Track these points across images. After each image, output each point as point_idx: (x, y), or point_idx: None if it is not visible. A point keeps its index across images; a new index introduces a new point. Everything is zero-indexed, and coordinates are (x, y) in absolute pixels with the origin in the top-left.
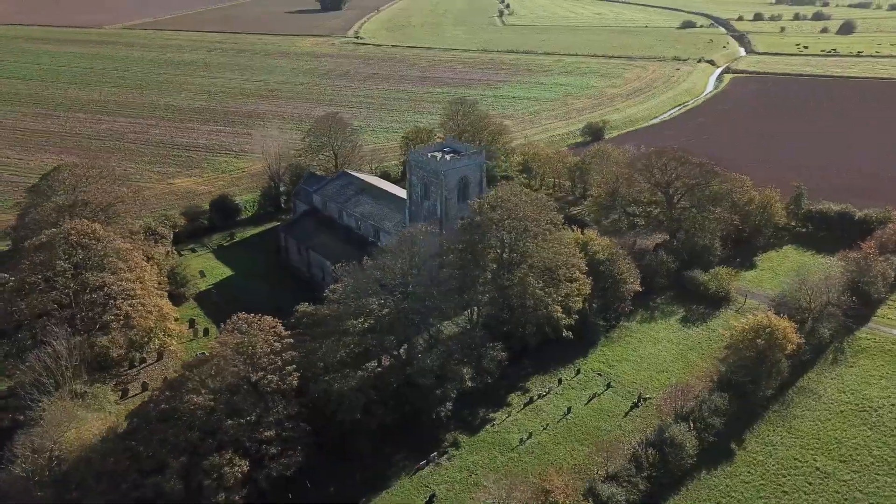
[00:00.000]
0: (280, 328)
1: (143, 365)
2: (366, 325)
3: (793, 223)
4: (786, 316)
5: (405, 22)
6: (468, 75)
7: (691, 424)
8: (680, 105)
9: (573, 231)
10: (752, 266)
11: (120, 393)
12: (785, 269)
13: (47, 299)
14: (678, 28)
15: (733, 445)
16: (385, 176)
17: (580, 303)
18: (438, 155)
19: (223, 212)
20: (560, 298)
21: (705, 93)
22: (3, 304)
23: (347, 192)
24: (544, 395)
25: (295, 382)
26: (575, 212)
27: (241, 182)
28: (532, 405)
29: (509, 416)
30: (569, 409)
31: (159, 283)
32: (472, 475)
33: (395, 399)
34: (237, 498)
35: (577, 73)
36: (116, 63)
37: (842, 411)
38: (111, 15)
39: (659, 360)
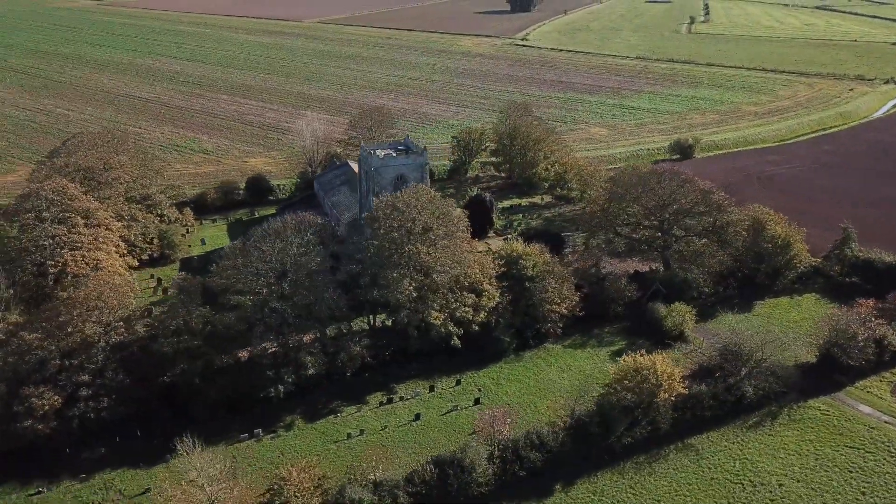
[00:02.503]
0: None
1: None
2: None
3: (835, 270)
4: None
5: (583, 26)
6: (604, 82)
7: (500, 452)
8: (822, 129)
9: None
10: (747, 310)
11: None
12: (783, 319)
13: (13, 245)
14: (893, 44)
15: (557, 486)
16: None
17: (483, 315)
18: (382, 152)
19: (256, 190)
20: (451, 306)
21: (866, 118)
22: None
23: (336, 182)
24: (406, 399)
25: (133, 337)
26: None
27: (302, 166)
28: (388, 406)
29: (359, 411)
30: (417, 416)
31: (123, 243)
32: (281, 455)
33: (234, 373)
34: (42, 426)
35: (726, 86)
36: (285, 53)
37: (712, 478)
38: (314, 10)
39: (553, 388)
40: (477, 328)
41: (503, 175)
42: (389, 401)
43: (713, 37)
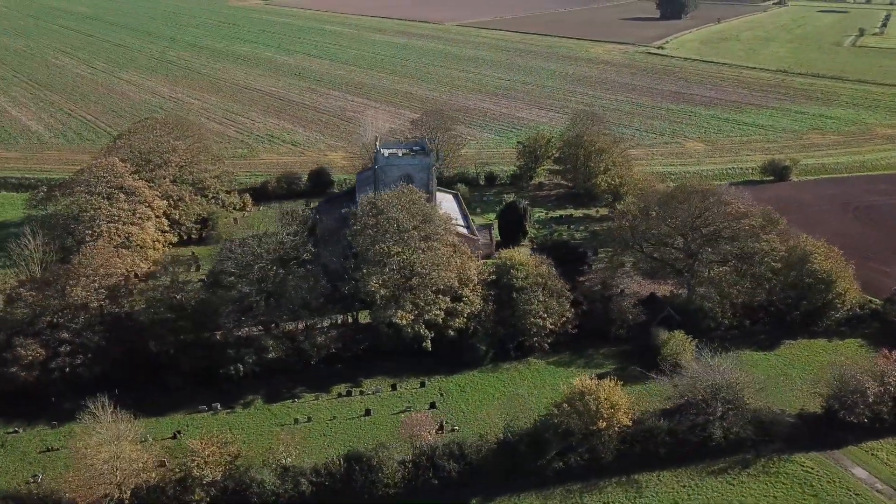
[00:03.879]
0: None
1: None
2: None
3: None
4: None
5: (732, 36)
6: (727, 95)
7: (413, 457)
8: None
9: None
10: (770, 348)
11: None
12: (809, 363)
13: (61, 215)
14: None
15: (474, 500)
16: (462, 178)
17: (461, 321)
18: (388, 151)
19: (318, 182)
20: (421, 307)
21: None
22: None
23: (370, 179)
24: (367, 394)
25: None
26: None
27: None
28: (346, 398)
29: (317, 399)
30: (368, 412)
31: (166, 220)
32: (229, 430)
33: (205, 349)
34: (26, 374)
35: (866, 106)
36: (411, 53)
37: None
38: (457, 13)
39: (515, 402)
40: (453, 333)
41: (568, 184)
42: (349, 393)
43: (880, 51)
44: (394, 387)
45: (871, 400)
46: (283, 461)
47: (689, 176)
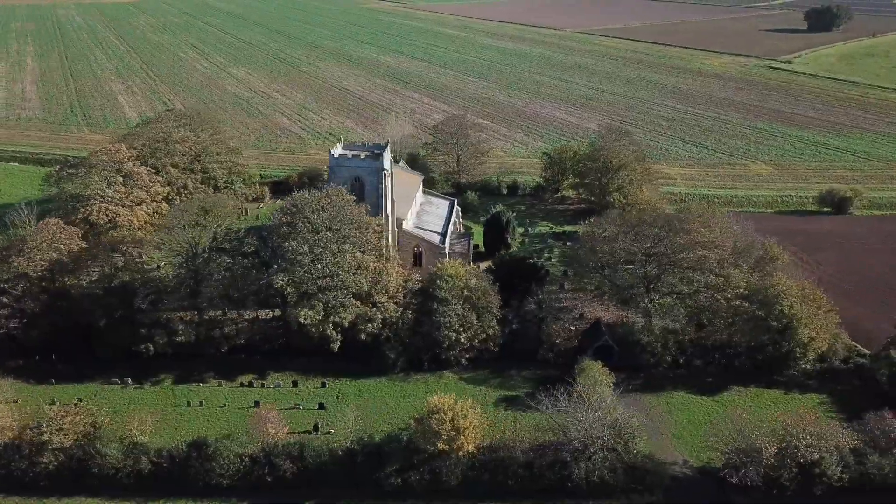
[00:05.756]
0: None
1: None
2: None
3: (882, 374)
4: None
5: (879, 52)
6: (833, 116)
7: (251, 452)
8: None
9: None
10: (711, 393)
11: None
12: (749, 416)
13: (66, 193)
14: None
15: (308, 503)
16: (483, 186)
17: (374, 326)
18: (337, 152)
19: None
20: (329, 309)
21: None
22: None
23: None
24: (268, 387)
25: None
26: None
27: None
28: (246, 388)
29: (220, 385)
30: (256, 403)
31: (166, 205)
32: (129, 406)
33: (129, 326)
34: None
35: None
36: (513, 59)
37: None
38: (587, 20)
39: (384, 412)
40: (366, 338)
41: (592, 199)
42: (251, 384)
43: None
44: (295, 383)
45: (772, 462)
46: (136, 438)
47: (729, 200)
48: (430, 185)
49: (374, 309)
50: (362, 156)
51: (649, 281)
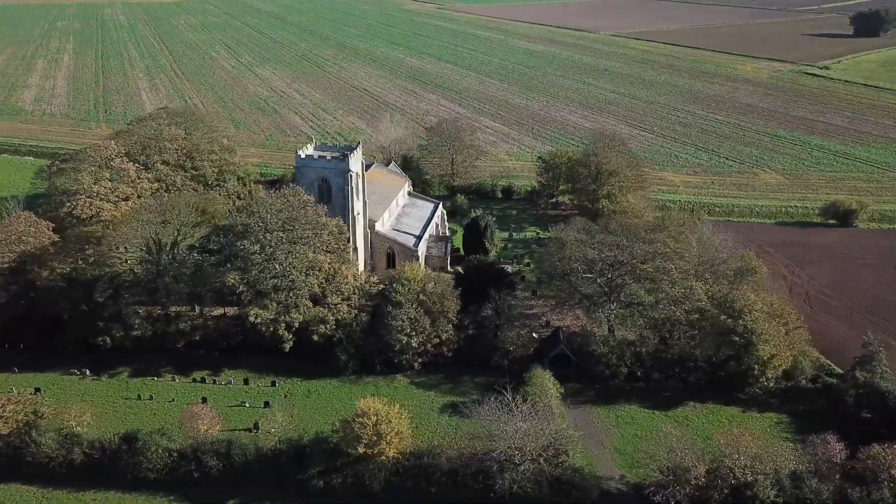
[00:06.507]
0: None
1: None
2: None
3: (849, 395)
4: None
5: None
6: (861, 126)
7: (178, 447)
8: None
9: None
10: (665, 408)
11: None
12: (697, 432)
13: (55, 188)
14: None
15: (232, 501)
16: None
17: (327, 328)
18: (304, 153)
19: None
20: (280, 309)
21: None
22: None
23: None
24: (219, 384)
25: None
26: None
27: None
28: (199, 384)
29: (174, 380)
30: (204, 399)
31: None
32: (82, 397)
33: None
34: None
35: None
36: (540, 61)
37: None
38: (624, 22)
39: (328, 413)
40: (318, 339)
41: (585, 204)
42: (203, 380)
43: None
44: (246, 381)
45: (694, 483)
46: (73, 429)
47: (730, 210)
48: (424, 187)
49: (327, 310)
50: (329, 157)
51: (611, 290)
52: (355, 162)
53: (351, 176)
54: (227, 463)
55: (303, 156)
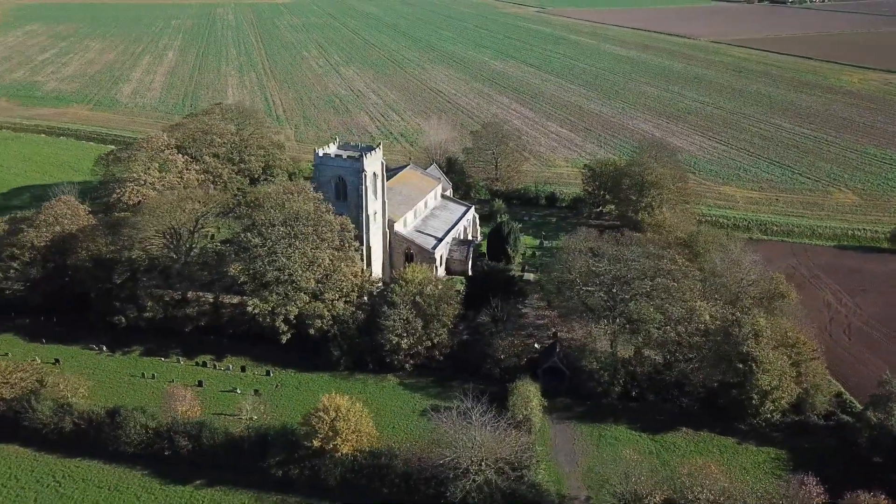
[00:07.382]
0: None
1: None
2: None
3: (863, 436)
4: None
5: None
6: None
7: (154, 425)
8: None
9: None
10: (654, 431)
11: None
12: (681, 462)
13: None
14: None
15: (200, 480)
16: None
17: (323, 323)
18: (322, 151)
19: None
20: (279, 301)
21: None
22: None
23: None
24: (220, 369)
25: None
26: None
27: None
28: (199, 367)
29: (178, 362)
30: (200, 383)
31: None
32: (93, 369)
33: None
34: None
35: None
36: (625, 66)
37: None
38: (717, 29)
39: (310, 406)
40: (314, 333)
41: (630, 215)
42: (205, 364)
43: None
44: (243, 368)
45: None
46: (69, 400)
47: (789, 230)
48: (467, 191)
49: (323, 305)
50: (345, 156)
51: (615, 305)
52: (372, 162)
53: (365, 175)
54: (197, 444)
55: (321, 154)
